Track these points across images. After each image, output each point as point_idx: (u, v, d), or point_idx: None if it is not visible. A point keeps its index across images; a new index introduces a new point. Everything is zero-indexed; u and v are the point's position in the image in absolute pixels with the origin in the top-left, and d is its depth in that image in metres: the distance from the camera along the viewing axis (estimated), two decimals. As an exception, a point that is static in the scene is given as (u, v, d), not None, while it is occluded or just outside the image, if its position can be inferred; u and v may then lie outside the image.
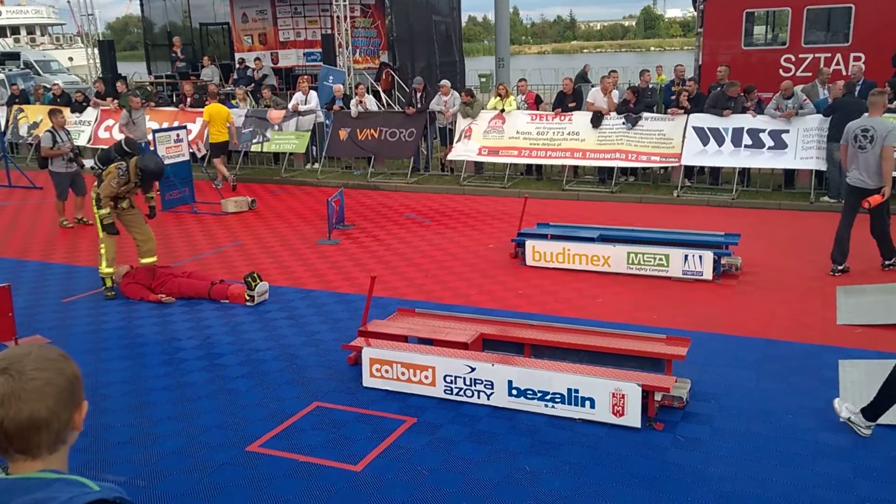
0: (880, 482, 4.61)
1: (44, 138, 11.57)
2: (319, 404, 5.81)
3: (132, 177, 8.32)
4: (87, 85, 22.36)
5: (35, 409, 1.66)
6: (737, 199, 12.52)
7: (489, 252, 10.03)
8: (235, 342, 7.16)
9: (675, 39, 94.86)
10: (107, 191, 8.29)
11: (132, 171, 8.30)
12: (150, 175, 8.41)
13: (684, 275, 8.59)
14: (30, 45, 47.42)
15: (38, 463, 1.70)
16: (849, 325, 7.16)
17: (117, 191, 8.34)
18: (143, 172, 8.31)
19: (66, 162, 11.55)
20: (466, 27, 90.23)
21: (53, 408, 1.69)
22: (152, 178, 8.53)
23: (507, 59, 22.16)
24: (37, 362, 1.70)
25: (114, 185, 8.26)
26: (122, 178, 8.27)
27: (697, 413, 5.51)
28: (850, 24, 15.31)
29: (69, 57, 41.70)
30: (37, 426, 1.66)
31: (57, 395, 1.70)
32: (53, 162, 11.58)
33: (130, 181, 8.36)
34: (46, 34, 53.29)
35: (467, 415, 5.60)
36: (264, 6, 21.65)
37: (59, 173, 11.67)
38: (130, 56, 48.78)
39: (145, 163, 8.40)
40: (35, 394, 1.67)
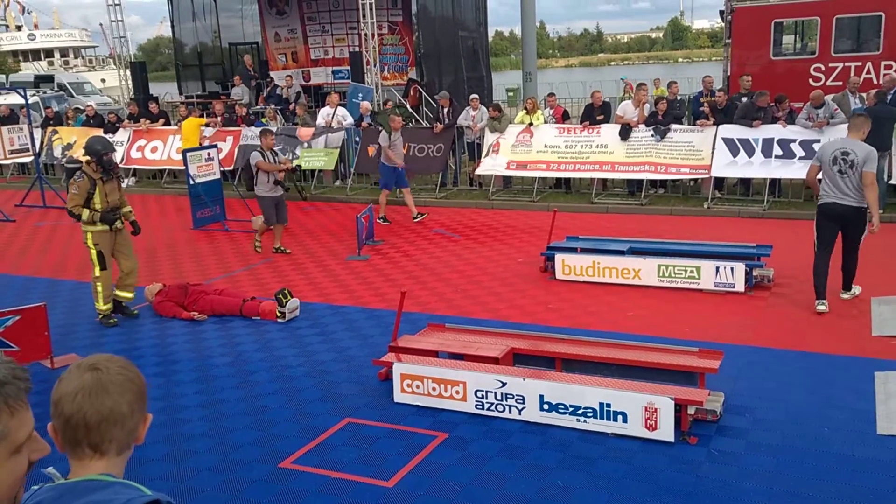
0: (921, 497, 4.52)
1: (254, 157, 11.18)
2: (351, 420, 5.85)
3: (92, 173, 8.05)
4: (120, 106, 22.83)
5: (117, 403, 1.78)
6: (768, 210, 12.38)
7: (519, 266, 10.03)
8: (267, 359, 7.24)
9: (702, 51, 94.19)
10: (72, 200, 8.04)
11: (89, 170, 8.06)
12: (99, 152, 8.02)
13: (716, 287, 8.51)
14: (63, 67, 48.58)
15: (102, 463, 1.78)
16: (884, 335, 7.03)
17: (82, 196, 8.00)
18: (94, 156, 8.03)
19: (272, 185, 11.02)
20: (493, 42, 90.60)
21: (133, 404, 1.81)
22: (104, 153, 8.07)
23: (534, 73, 22.20)
24: (120, 363, 1.85)
25: (74, 192, 8.01)
26: (78, 180, 8.01)
27: (731, 426, 5.45)
28: (881, 33, 15.11)
29: (102, 79, 42.68)
30: (115, 419, 1.77)
31: (136, 394, 1.83)
32: (259, 185, 11.07)
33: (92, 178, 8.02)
34: (80, 56, 54.59)
35: (499, 430, 5.59)
36: (295, 25, 21.97)
37: (264, 197, 11.08)
38: (162, 77, 49.71)
39: (90, 146, 8.18)
40: (119, 387, 1.79)
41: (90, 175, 8.10)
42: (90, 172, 8.11)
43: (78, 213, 8.14)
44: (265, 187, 11.03)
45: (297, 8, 21.73)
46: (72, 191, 8.11)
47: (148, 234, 12.98)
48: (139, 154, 17.67)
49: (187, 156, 13.37)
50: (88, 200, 8.10)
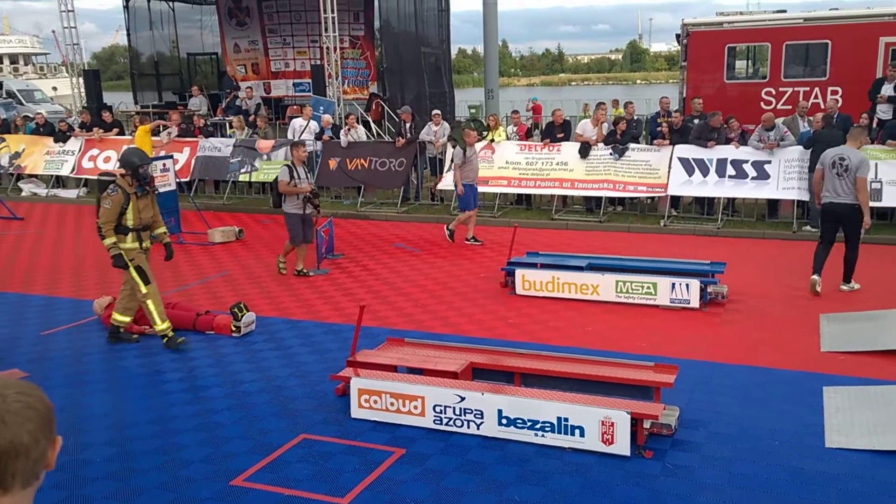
0: (869, 510, 4.61)
1: (281, 173, 10.44)
2: (306, 436, 5.76)
3: (126, 187, 7.60)
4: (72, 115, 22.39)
5: (17, 434, 1.60)
6: (722, 229, 12.63)
7: (479, 281, 10.04)
8: (221, 374, 7.10)
9: (660, 73, 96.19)
10: (105, 216, 7.54)
11: (124, 184, 7.62)
12: (133, 165, 7.61)
13: (672, 303, 8.63)
14: (13, 74, 47.35)
15: (6, 499, 1.63)
16: (832, 351, 7.20)
17: (115, 212, 7.54)
18: (129, 168, 7.61)
19: (301, 202, 10.37)
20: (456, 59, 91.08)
21: (35, 433, 1.63)
22: (140, 165, 7.66)
23: (496, 91, 22.40)
24: (18, 388, 1.65)
25: (108, 207, 7.51)
26: (112, 194, 7.52)
27: (686, 441, 5.50)
28: (828, 60, 15.61)
29: (53, 87, 41.71)
30: (17, 452, 1.60)
31: (39, 422, 1.64)
32: (287, 201, 10.38)
33: (126, 192, 7.58)
34: (30, 63, 53.31)
35: (457, 445, 5.56)
36: (255, 36, 21.86)
37: (292, 214, 10.40)
38: (117, 86, 48.85)
39: (125, 159, 7.74)
40: (18, 416, 1.61)
41: (124, 189, 7.58)
42: (125, 186, 7.59)
43: (105, 235, 7.58)
44: (293, 204, 10.38)
45: (258, 20, 21.63)
46: (104, 205, 7.55)
47: (98, 246, 12.70)
48: (91, 164, 17.30)
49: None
50: (121, 216, 7.61)
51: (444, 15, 22.03)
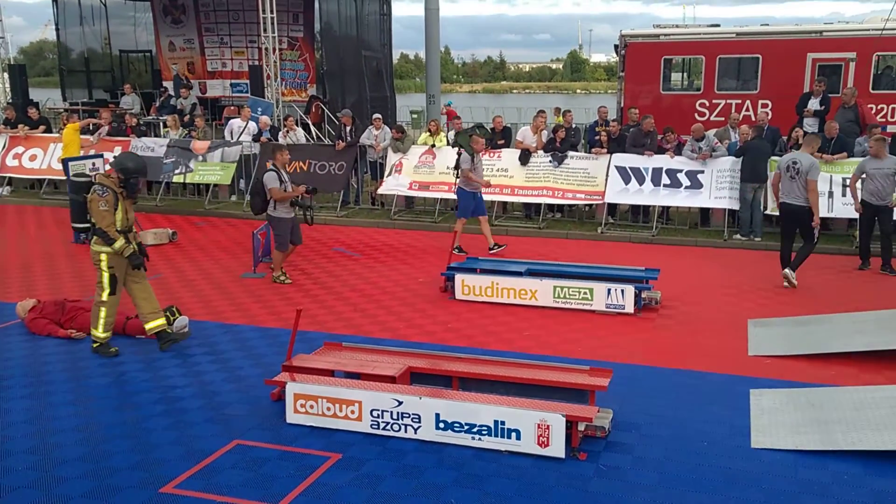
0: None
1: (268, 179, 9.82)
2: (240, 442, 5.64)
3: (114, 186, 7.29)
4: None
5: None
6: (657, 236, 12.93)
7: (419, 286, 10.03)
8: (151, 379, 6.91)
9: (599, 83, 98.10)
10: (104, 219, 7.21)
11: (111, 184, 7.32)
12: (131, 173, 7.32)
13: (607, 308, 8.79)
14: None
15: None
16: (759, 355, 7.45)
17: (113, 214, 7.25)
18: (123, 173, 7.31)
19: (289, 206, 9.99)
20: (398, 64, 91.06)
21: None
22: (135, 175, 7.39)
23: (437, 96, 22.46)
24: None
25: (104, 209, 7.20)
26: (104, 194, 7.20)
27: (620, 442, 5.60)
28: (759, 73, 16.18)
29: (-24, 82, 40.00)
30: None
31: None
32: (278, 206, 9.89)
33: (116, 194, 7.30)
34: (-50, 57, 50.98)
35: (394, 449, 5.53)
36: (191, 35, 21.40)
37: (282, 219, 9.92)
38: (45, 82, 47.15)
39: (122, 163, 7.40)
40: None
41: (112, 188, 7.29)
42: (112, 186, 7.30)
43: (114, 238, 7.23)
44: (283, 208, 9.94)
45: (195, 18, 21.18)
46: (100, 207, 7.20)
47: (23, 247, 12.25)
48: (16, 162, 16.68)
49: (69, 165, 12.71)
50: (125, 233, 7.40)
51: (385, 19, 22.00)
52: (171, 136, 16.25)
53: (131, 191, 7.45)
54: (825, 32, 16.21)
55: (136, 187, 7.54)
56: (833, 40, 15.84)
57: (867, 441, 5.44)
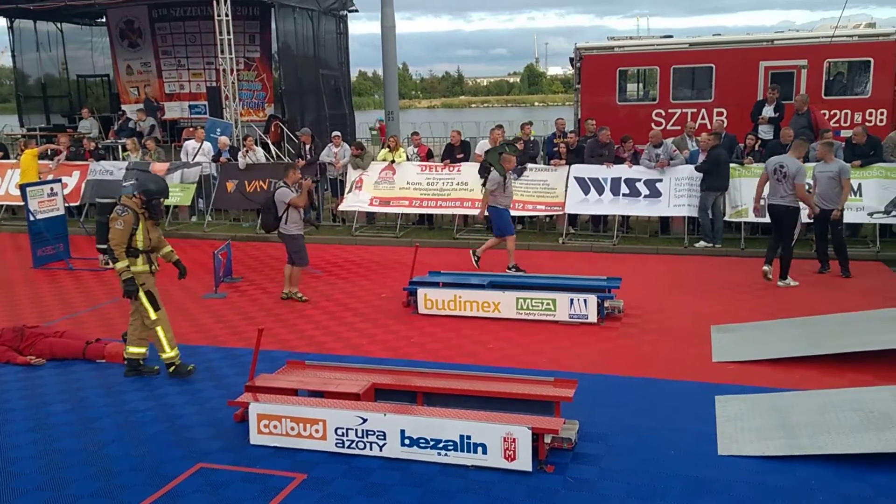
0: (756, 510, 4.82)
1: (284, 193, 9.81)
2: (203, 465, 5.54)
3: (136, 207, 7.26)
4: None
5: None
6: (618, 245, 13.06)
7: (381, 301, 9.99)
8: (112, 404, 6.77)
9: (556, 95, 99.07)
10: (117, 237, 7.16)
11: (132, 204, 7.28)
12: (153, 194, 7.33)
13: (571, 318, 8.83)
14: None
15: None
16: (723, 361, 7.53)
17: (127, 232, 7.17)
18: (145, 195, 7.28)
19: (302, 222, 10.09)
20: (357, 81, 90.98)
21: None
22: (157, 196, 7.39)
23: (396, 113, 22.48)
24: None
25: (120, 228, 7.14)
26: (123, 214, 7.15)
27: (586, 454, 5.61)
28: (713, 82, 16.50)
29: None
30: None
31: None
32: (289, 223, 9.88)
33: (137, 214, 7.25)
34: None
35: (359, 468, 5.48)
36: (148, 58, 21.21)
37: (296, 236, 9.99)
38: (2, 108, 46.35)
39: (144, 185, 7.41)
40: None
41: (133, 209, 7.25)
42: (133, 206, 7.27)
43: (117, 257, 7.19)
44: (296, 225, 9.98)
45: (151, 41, 21.00)
46: (116, 226, 7.16)
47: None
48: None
49: (27, 191, 12.48)
50: (131, 237, 7.26)
51: (342, 38, 22.02)
52: (130, 159, 16.03)
53: (154, 212, 7.43)
54: (777, 41, 16.59)
55: (159, 209, 7.53)
56: (785, 48, 16.23)
57: (833, 445, 5.49)
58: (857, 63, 16.02)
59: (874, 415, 5.81)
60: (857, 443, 5.46)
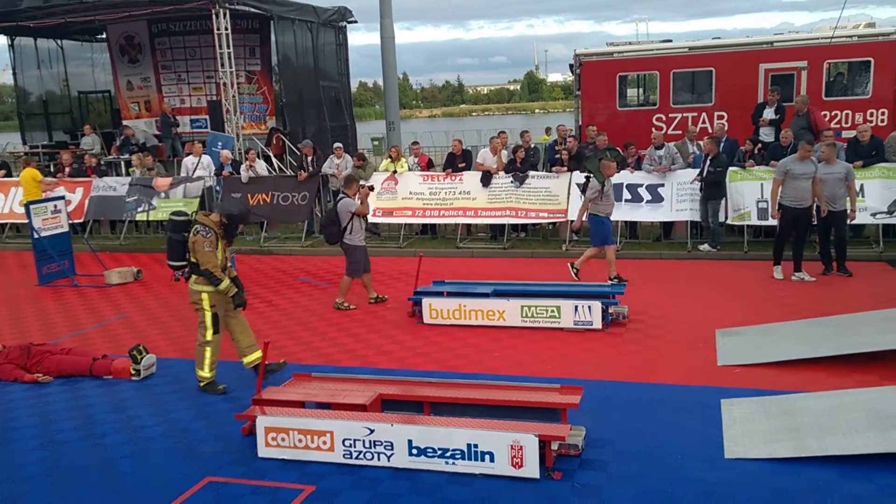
0: (765, 514, 4.82)
1: (348, 203, 10.02)
2: (212, 479, 5.56)
3: (215, 227, 7.33)
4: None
5: None
6: (621, 251, 13.05)
7: (386, 312, 10.01)
8: (120, 420, 6.79)
9: (557, 102, 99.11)
10: (210, 260, 7.19)
11: (212, 224, 7.32)
12: (235, 219, 7.53)
13: (576, 325, 8.84)
14: None
15: None
16: (728, 365, 7.53)
17: (215, 252, 7.26)
18: (228, 219, 7.42)
19: (365, 231, 10.42)
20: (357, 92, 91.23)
21: None
22: (237, 221, 7.63)
23: (397, 123, 22.55)
24: None
25: (209, 249, 7.18)
26: (208, 235, 7.20)
27: (593, 460, 5.61)
28: (713, 86, 16.54)
29: (-66, 127, 39.35)
30: None
31: None
32: (353, 234, 10.07)
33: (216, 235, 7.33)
34: None
35: (368, 478, 5.49)
36: (148, 73, 21.29)
37: (358, 247, 10.20)
38: (4, 126, 46.57)
39: (228, 209, 7.64)
40: None
41: (213, 229, 7.33)
42: (213, 227, 7.33)
43: (220, 279, 7.26)
44: (360, 235, 10.20)
45: (151, 56, 21.10)
46: (205, 248, 7.19)
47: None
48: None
49: (31, 208, 12.55)
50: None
51: (342, 49, 22.09)
52: (135, 175, 16.13)
53: (230, 234, 7.55)
54: (776, 43, 16.63)
55: (235, 233, 7.70)
56: (784, 50, 16.26)
57: (839, 446, 5.49)
58: (858, 63, 16.05)
59: (879, 415, 5.81)
60: (862, 443, 5.46)
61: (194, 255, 7.28)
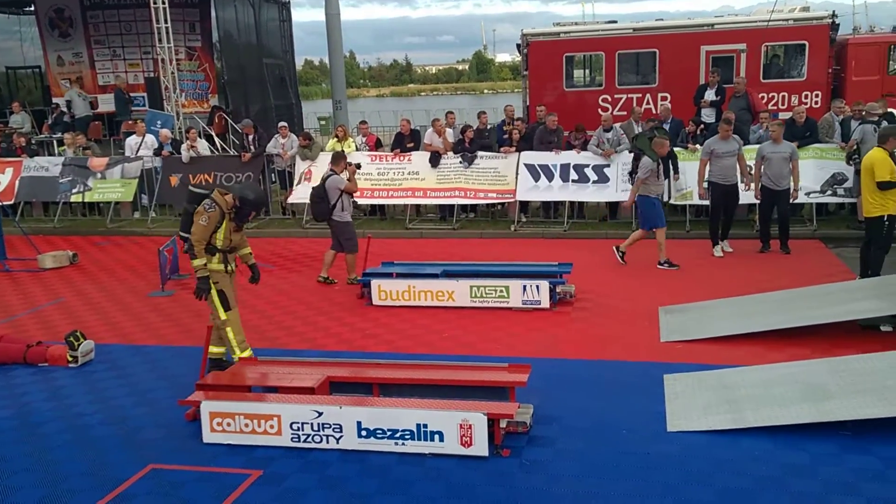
0: (704, 485, 4.94)
1: (337, 180, 9.94)
2: (155, 466, 5.44)
3: (225, 208, 7.01)
4: None
5: None
6: (568, 231, 13.20)
7: (335, 294, 9.92)
8: (57, 408, 6.58)
9: (505, 82, 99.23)
10: (199, 233, 6.92)
11: (222, 202, 7.01)
12: (249, 204, 7.13)
13: (524, 304, 8.90)
14: None
15: None
16: (671, 341, 7.69)
17: (210, 229, 6.95)
18: (241, 203, 7.05)
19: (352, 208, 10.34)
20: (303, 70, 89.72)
21: None
22: (252, 207, 7.26)
23: (344, 102, 22.28)
24: None
25: (204, 224, 6.90)
26: (210, 210, 6.90)
27: (541, 436, 5.67)
28: (657, 67, 16.75)
29: None
30: None
31: None
32: (343, 211, 10.08)
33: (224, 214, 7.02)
34: None
35: (316, 461, 5.44)
36: (80, 49, 20.52)
37: (349, 223, 10.28)
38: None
39: (244, 193, 7.15)
40: None
41: (222, 207, 7.00)
42: (223, 204, 7.01)
43: (196, 254, 6.95)
44: (348, 212, 10.26)
45: (83, 31, 20.32)
46: (199, 221, 6.92)
47: None
48: None
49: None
50: (211, 234, 7.02)
51: (285, 26, 21.68)
52: (67, 154, 15.56)
53: (241, 218, 7.21)
54: (716, 25, 16.90)
55: (247, 218, 7.33)
56: (724, 32, 16.53)
57: (775, 417, 5.67)
58: (793, 46, 16.43)
59: (812, 387, 6.02)
60: (796, 414, 5.66)
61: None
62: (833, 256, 10.94)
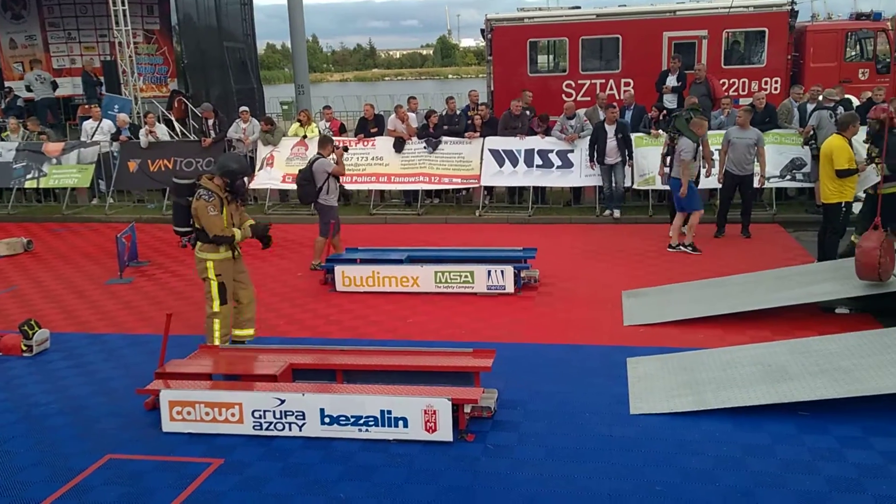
0: (666, 466, 5.00)
1: (324, 163, 9.82)
2: (113, 456, 5.33)
3: (217, 191, 6.91)
4: None
5: None
6: (533, 216, 13.22)
7: (298, 281, 9.81)
8: (11, 398, 6.42)
9: (470, 67, 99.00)
10: (217, 224, 6.85)
11: (215, 188, 6.90)
12: (236, 174, 6.95)
13: (489, 290, 8.90)
14: None
15: None
16: (634, 325, 7.76)
17: (222, 217, 6.89)
18: (229, 175, 6.89)
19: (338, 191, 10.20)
20: (265, 54, 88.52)
21: None
22: (240, 175, 7.02)
23: (306, 86, 22.02)
24: None
25: (213, 214, 6.82)
26: (211, 199, 6.81)
27: (505, 421, 5.68)
28: (620, 53, 16.81)
29: None
30: None
31: None
32: (330, 194, 9.94)
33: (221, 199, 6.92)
34: None
35: (279, 449, 5.39)
36: (34, 31, 19.92)
37: (333, 207, 10.09)
38: None
39: (225, 165, 6.96)
40: None
41: (217, 193, 6.90)
42: (216, 190, 6.90)
43: (231, 234, 6.95)
44: (334, 196, 10.13)
45: (37, 13, 19.72)
46: (209, 213, 6.81)
47: None
48: None
49: None
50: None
51: (246, 8, 21.28)
52: (11, 140, 15.12)
53: (238, 194, 7.08)
54: (679, 12, 17.00)
55: (243, 190, 7.18)
56: (686, 19, 16.65)
57: (735, 398, 5.76)
58: (753, 33, 16.62)
59: (771, 368, 6.13)
60: (755, 395, 5.75)
61: (198, 222, 6.93)
62: (792, 240, 11.13)
